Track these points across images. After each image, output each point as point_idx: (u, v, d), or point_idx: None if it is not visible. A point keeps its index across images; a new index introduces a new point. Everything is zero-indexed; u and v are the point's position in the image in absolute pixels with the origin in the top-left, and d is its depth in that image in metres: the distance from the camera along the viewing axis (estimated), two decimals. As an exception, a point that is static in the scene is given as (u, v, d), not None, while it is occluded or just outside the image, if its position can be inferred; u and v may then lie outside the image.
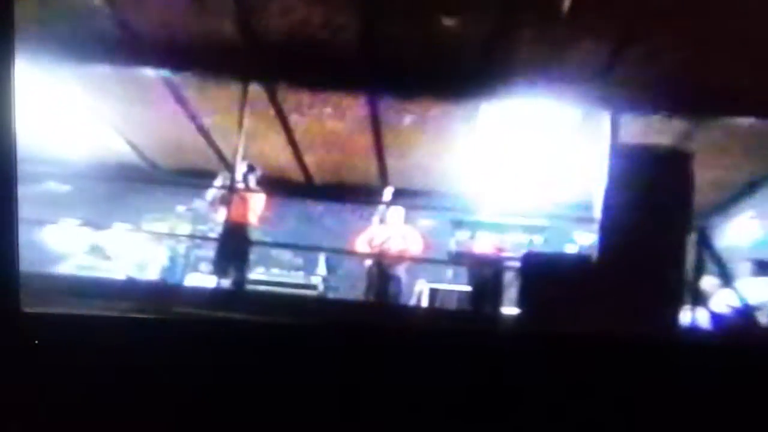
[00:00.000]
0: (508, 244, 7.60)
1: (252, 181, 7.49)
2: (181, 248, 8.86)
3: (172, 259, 8.62)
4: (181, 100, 7.94)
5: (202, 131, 8.70)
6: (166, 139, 9.05)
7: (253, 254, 7.83)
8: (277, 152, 9.11)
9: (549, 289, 4.78)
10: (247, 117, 7.48)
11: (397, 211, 7.92)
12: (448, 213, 8.21)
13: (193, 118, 8.33)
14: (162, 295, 5.35)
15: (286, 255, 9.52)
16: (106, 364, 2.58)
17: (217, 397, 2.63)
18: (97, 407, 2.55)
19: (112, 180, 9.11)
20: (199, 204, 8.32)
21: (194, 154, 9.33)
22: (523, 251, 6.62)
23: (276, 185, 8.63)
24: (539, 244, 7.48)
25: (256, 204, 7.48)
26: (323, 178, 10.22)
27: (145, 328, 2.85)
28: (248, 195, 7.42)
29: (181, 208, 9.11)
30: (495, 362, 2.82)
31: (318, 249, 9.08)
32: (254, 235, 7.61)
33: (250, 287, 7.41)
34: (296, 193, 9.72)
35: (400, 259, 7.68)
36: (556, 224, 8.01)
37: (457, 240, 7.51)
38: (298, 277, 8.70)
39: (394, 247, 7.77)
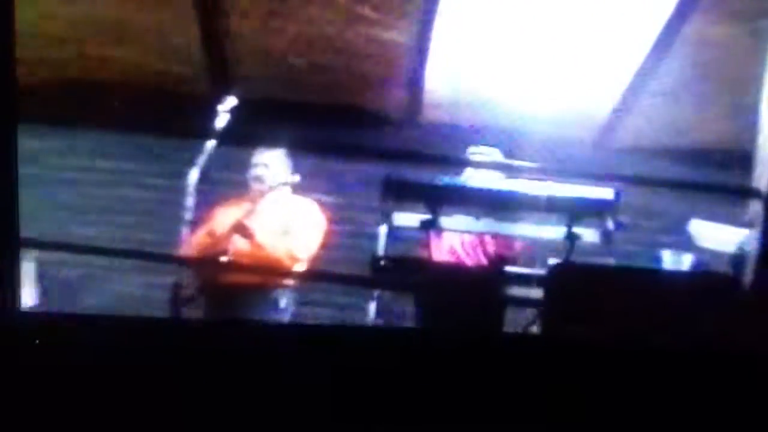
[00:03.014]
0: (516, 242, 4.38)
1: None
2: None
3: None
4: None
5: None
6: None
7: None
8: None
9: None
10: None
11: (273, 163, 4.63)
12: (375, 163, 4.60)
13: None
14: None
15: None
16: (106, 365, 2.84)
17: (217, 398, 2.88)
18: (97, 407, 2.80)
19: None
20: None
21: None
22: (550, 261, 3.86)
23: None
24: (592, 241, 4.05)
25: None
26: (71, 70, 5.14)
27: (146, 328, 3.22)
28: None
29: None
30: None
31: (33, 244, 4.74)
32: None
33: None
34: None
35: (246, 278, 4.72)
36: (636, 198, 4.30)
37: (396, 227, 4.20)
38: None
39: (237, 251, 4.71)
